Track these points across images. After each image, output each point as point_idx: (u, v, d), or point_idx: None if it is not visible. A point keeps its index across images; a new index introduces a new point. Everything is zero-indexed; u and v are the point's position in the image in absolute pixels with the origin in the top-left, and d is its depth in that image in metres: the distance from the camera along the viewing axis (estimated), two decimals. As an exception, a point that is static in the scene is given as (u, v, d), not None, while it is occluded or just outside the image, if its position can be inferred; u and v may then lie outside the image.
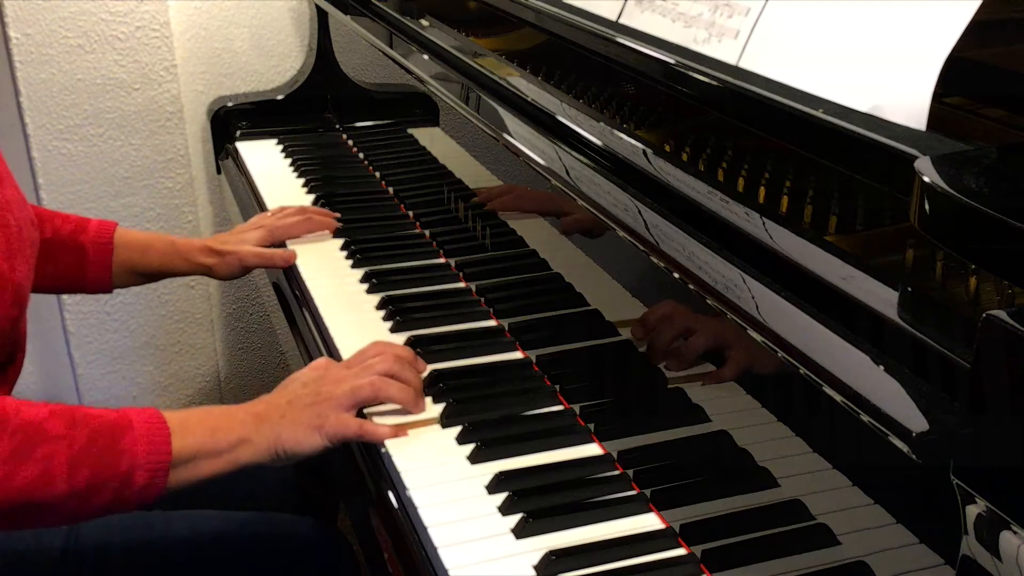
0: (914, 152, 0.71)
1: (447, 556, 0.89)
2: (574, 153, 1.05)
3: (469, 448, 1.03)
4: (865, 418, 0.63)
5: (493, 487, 0.97)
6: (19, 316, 1.12)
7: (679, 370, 0.97)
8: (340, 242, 1.51)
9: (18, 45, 1.91)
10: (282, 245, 1.50)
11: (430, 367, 1.15)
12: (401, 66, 1.51)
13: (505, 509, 0.94)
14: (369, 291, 1.37)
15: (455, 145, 1.52)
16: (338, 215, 1.57)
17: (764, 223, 0.82)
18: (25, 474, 0.89)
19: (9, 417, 0.91)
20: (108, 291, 1.43)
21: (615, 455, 1.00)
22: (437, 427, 1.07)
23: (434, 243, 1.48)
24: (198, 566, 1.17)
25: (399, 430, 1.06)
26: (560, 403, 1.10)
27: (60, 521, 0.96)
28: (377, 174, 1.77)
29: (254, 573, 1.19)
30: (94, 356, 2.14)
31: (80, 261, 1.37)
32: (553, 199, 1.15)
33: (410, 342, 1.21)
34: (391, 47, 1.57)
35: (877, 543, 0.75)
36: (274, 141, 1.99)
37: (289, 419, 1.04)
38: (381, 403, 1.08)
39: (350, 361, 1.12)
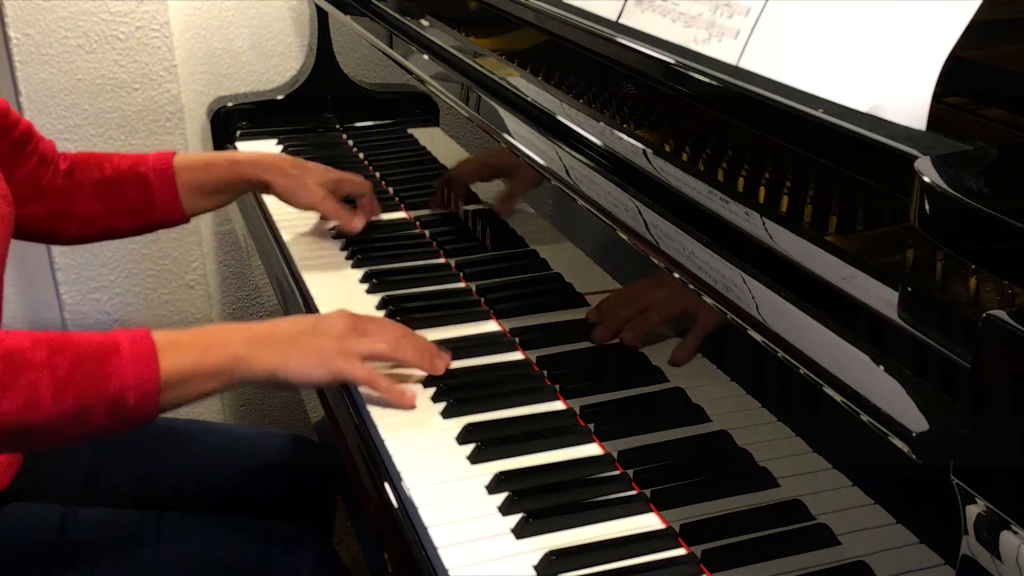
0: (914, 152, 0.71)
1: (447, 556, 0.89)
2: (574, 153, 1.05)
3: (469, 448, 1.03)
4: (865, 418, 0.63)
5: (493, 487, 0.97)
6: None
7: (637, 343, 1.00)
8: (340, 242, 1.51)
9: (18, 45, 1.91)
10: None
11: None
12: (401, 66, 1.51)
13: (505, 509, 0.94)
14: (369, 291, 1.37)
15: (455, 145, 1.52)
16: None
17: (764, 223, 0.82)
18: (10, 400, 0.90)
19: None
20: (184, 220, 1.44)
21: (615, 455, 1.00)
22: (438, 424, 1.07)
23: (434, 243, 1.48)
24: (186, 572, 1.16)
25: (405, 396, 1.08)
26: (560, 403, 1.10)
27: (63, 441, 0.97)
28: (377, 174, 1.77)
29: None
30: (94, 356, 2.14)
31: (145, 191, 1.39)
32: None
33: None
34: (391, 47, 1.57)
35: (877, 543, 0.75)
36: (274, 141, 1.99)
37: (298, 345, 1.05)
38: (394, 361, 1.10)
39: (359, 319, 1.13)
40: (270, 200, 1.70)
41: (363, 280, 1.39)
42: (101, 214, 1.39)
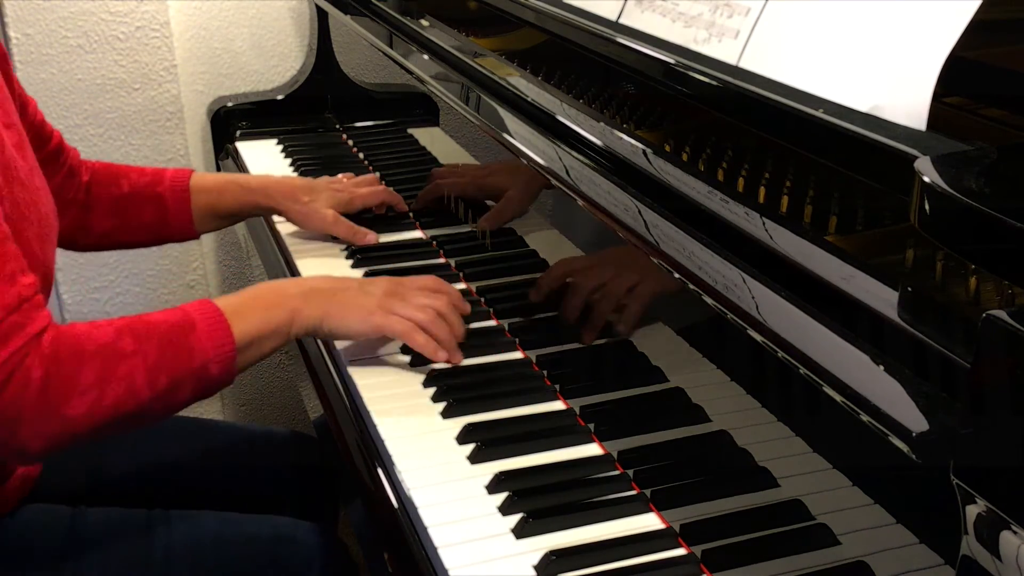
0: (914, 152, 0.71)
1: (447, 556, 0.89)
2: (574, 153, 1.05)
3: (469, 448, 1.03)
4: (865, 418, 0.63)
5: (493, 487, 0.97)
6: (48, 295, 1.16)
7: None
8: (340, 242, 1.51)
9: (18, 45, 1.91)
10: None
11: (430, 367, 1.15)
12: (401, 66, 1.51)
13: (505, 509, 0.94)
14: (369, 291, 1.36)
15: (455, 145, 1.52)
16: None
17: (764, 223, 0.82)
18: (113, 393, 0.96)
19: (84, 344, 0.96)
20: (195, 237, 1.49)
21: (615, 455, 1.00)
22: (438, 424, 1.07)
23: (434, 243, 1.48)
24: (197, 567, 1.17)
25: (439, 351, 1.13)
26: (560, 403, 1.10)
27: (157, 418, 1.03)
28: (377, 174, 1.77)
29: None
30: (94, 356, 2.14)
31: (160, 211, 1.42)
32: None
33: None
34: (391, 47, 1.57)
35: (877, 543, 0.75)
36: (274, 141, 1.99)
37: (340, 299, 1.12)
38: (426, 333, 1.13)
39: (400, 280, 1.19)
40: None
41: (363, 280, 1.39)
42: (116, 229, 1.41)
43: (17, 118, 1.15)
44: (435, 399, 1.11)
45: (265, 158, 1.92)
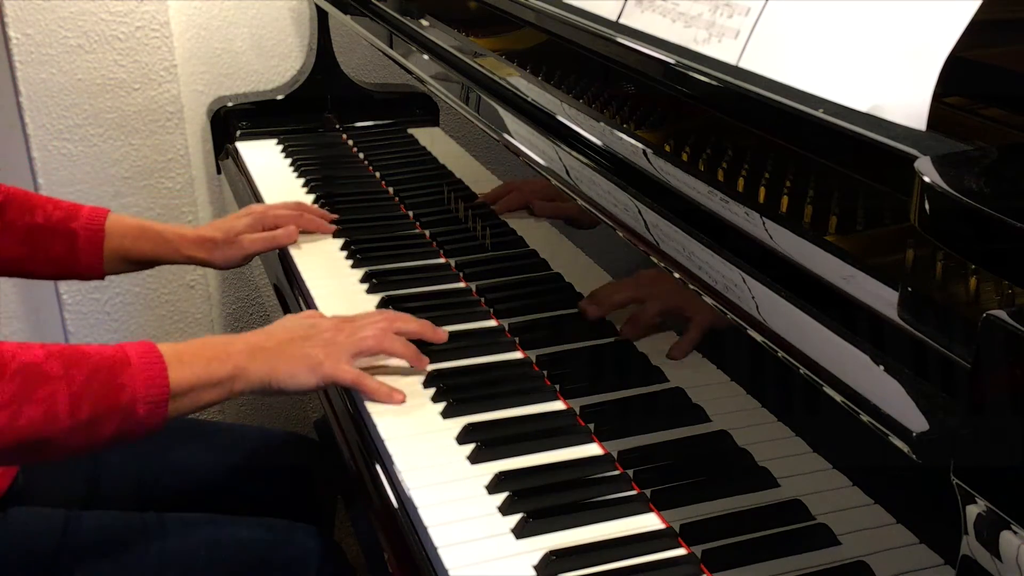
0: (914, 152, 0.71)
1: (447, 556, 0.89)
2: (574, 153, 1.05)
3: (469, 448, 1.03)
4: (865, 418, 0.63)
5: (493, 487, 0.97)
6: None
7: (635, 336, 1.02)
8: (340, 242, 1.51)
9: (18, 45, 1.91)
10: None
11: (430, 367, 1.16)
12: (401, 66, 1.51)
13: (505, 509, 0.94)
14: (369, 291, 1.37)
15: (455, 145, 1.52)
16: (336, 216, 1.57)
17: (764, 223, 0.82)
18: (29, 414, 0.92)
19: (7, 361, 0.93)
20: (100, 277, 1.45)
21: (615, 455, 1.00)
22: (438, 424, 1.07)
23: (434, 243, 1.48)
24: (191, 571, 1.16)
25: (394, 393, 1.09)
26: (560, 403, 1.10)
27: (76, 451, 0.99)
28: (377, 174, 1.77)
29: None
30: (94, 356, 2.14)
31: (71, 247, 1.39)
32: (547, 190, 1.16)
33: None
34: (391, 47, 1.57)
35: (877, 543, 0.75)
36: (274, 141, 1.99)
37: (287, 354, 1.08)
38: (383, 355, 1.13)
39: (347, 318, 1.16)
40: (270, 200, 1.70)
41: (363, 280, 1.39)
42: (24, 259, 1.39)
43: None
44: (435, 399, 1.11)
45: (265, 158, 1.92)
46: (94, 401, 0.95)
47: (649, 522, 0.93)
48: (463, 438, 1.04)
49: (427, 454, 1.03)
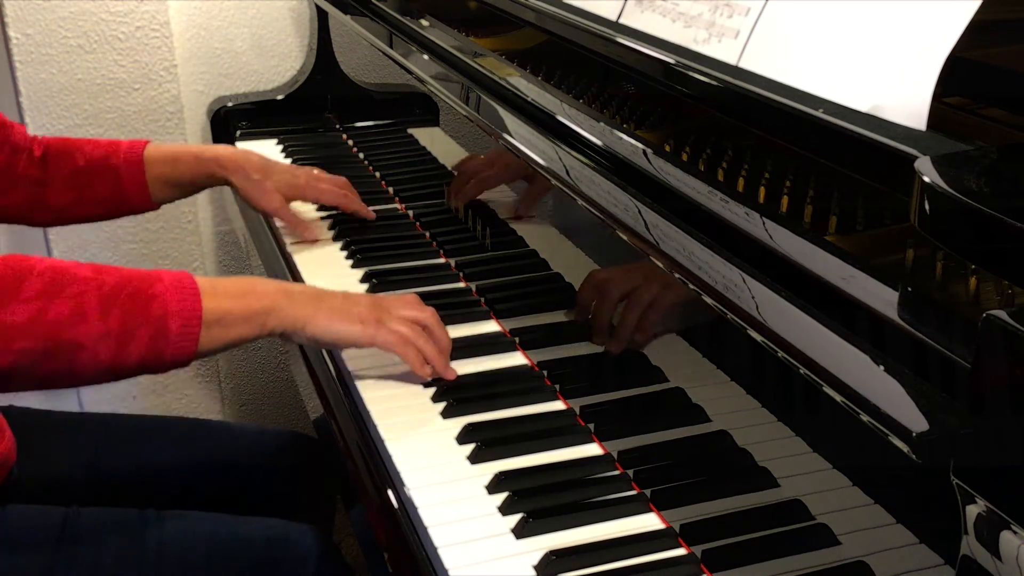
0: (914, 152, 0.71)
1: (447, 556, 0.89)
2: (574, 153, 1.05)
3: (469, 448, 1.03)
4: (865, 418, 0.63)
5: (493, 487, 0.97)
6: None
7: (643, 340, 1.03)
8: (340, 242, 1.51)
9: (18, 45, 1.91)
10: None
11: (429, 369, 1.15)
12: (401, 66, 1.51)
13: (505, 509, 0.94)
14: (369, 291, 1.37)
15: (455, 145, 1.52)
16: (375, 216, 1.56)
17: (764, 223, 0.82)
18: (58, 310, 0.92)
19: (34, 264, 0.94)
20: (153, 207, 1.48)
21: (615, 455, 1.00)
22: (438, 424, 1.07)
23: (434, 243, 1.48)
24: (188, 568, 1.16)
25: (426, 368, 1.11)
26: (560, 403, 1.10)
27: (100, 367, 0.97)
28: (377, 174, 1.77)
29: None
30: (94, 356, 2.14)
31: (116, 183, 1.42)
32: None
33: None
34: (391, 47, 1.57)
35: (877, 543, 0.75)
36: (274, 141, 1.99)
37: (328, 305, 1.09)
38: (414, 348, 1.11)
39: (395, 298, 1.16)
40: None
41: (363, 280, 1.39)
42: (73, 203, 1.41)
43: None
44: (435, 399, 1.11)
45: (265, 158, 1.92)
46: (124, 306, 0.95)
47: (649, 522, 0.93)
48: (463, 438, 1.04)
49: (427, 454, 1.03)
